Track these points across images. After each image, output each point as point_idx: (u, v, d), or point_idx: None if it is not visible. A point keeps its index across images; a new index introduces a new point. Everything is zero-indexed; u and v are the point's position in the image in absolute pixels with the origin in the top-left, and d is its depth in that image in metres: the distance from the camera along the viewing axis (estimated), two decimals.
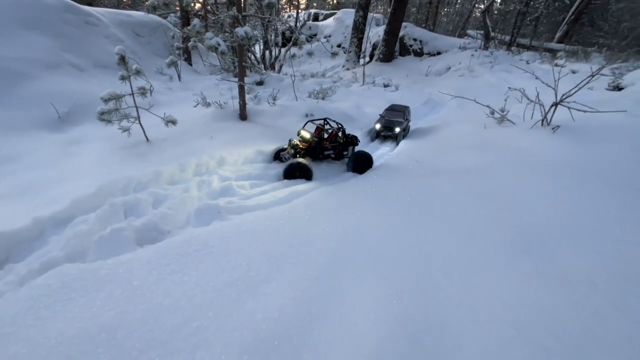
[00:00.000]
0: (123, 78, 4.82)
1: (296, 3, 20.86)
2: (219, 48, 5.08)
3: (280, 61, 13.08)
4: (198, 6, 12.21)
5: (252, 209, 3.72)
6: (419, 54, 17.05)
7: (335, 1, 33.63)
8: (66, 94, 6.32)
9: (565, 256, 2.61)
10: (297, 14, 17.17)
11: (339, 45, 21.10)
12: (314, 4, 33.55)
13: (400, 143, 6.86)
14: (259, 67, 11.84)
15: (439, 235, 3.02)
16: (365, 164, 5.17)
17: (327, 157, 5.46)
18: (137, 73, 4.91)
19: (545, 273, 2.45)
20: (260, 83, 10.29)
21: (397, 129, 6.87)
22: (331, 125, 5.60)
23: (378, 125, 7.09)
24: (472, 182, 4.02)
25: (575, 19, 17.87)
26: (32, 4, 7.59)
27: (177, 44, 10.01)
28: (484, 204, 3.48)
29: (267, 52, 12.97)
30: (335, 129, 5.55)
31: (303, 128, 5.29)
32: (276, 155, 5.36)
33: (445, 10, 31.43)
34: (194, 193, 4.04)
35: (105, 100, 4.68)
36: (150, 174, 4.17)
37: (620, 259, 2.54)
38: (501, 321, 2.07)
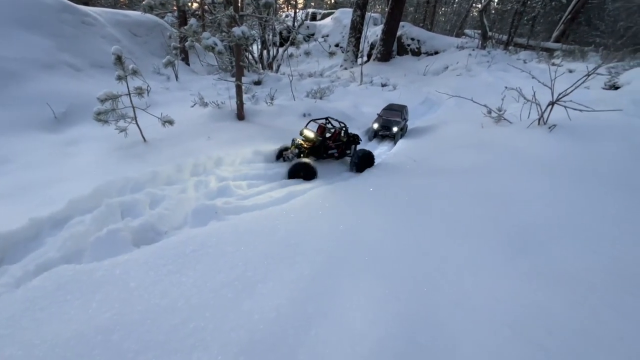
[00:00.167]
0: (119, 78, 4.81)
1: (294, 2, 20.83)
2: (216, 48, 5.07)
3: (278, 61, 13.06)
4: (195, 6, 12.18)
5: (250, 209, 3.72)
6: (417, 53, 17.07)
7: (333, 1, 33.60)
8: (62, 94, 6.29)
9: (562, 255, 2.62)
10: (295, 13, 17.15)
11: (336, 45, 21.07)
12: (312, 4, 33.53)
13: (398, 142, 6.87)
14: (257, 67, 11.83)
15: (436, 234, 3.03)
16: (369, 162, 5.24)
17: (331, 156, 5.49)
18: (134, 73, 4.90)
19: (542, 272, 2.46)
20: (258, 83, 10.27)
21: (395, 129, 6.88)
22: (333, 124, 5.64)
23: (376, 125, 7.10)
24: (470, 182, 4.03)
25: (572, 18, 17.93)
26: (28, 4, 7.55)
27: (174, 43, 10.00)
28: (481, 204, 3.49)
29: (265, 52, 12.95)
30: (338, 128, 5.57)
31: (306, 127, 5.31)
32: (279, 154, 5.36)
33: (443, 9, 31.46)
34: (191, 193, 4.02)
35: (102, 100, 4.66)
36: (147, 174, 4.16)
37: (617, 258, 2.55)
38: (498, 320, 2.07)
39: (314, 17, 26.06)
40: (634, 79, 8.12)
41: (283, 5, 23.47)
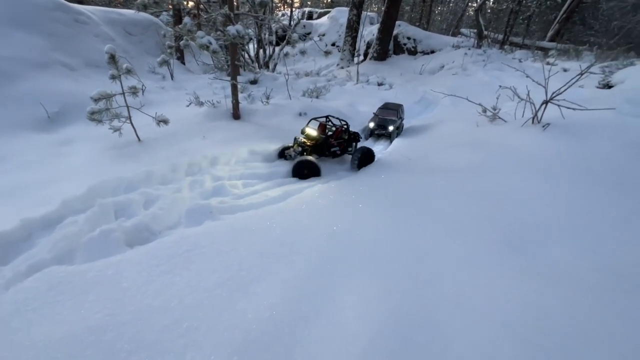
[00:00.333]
0: (113, 77, 4.77)
1: (290, 1, 20.78)
2: (211, 47, 5.04)
3: (274, 60, 13.02)
4: (191, 4, 12.10)
5: (245, 209, 3.70)
6: (413, 52, 17.09)
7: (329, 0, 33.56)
8: (56, 93, 6.23)
9: (557, 254, 2.63)
10: (291, 12, 17.11)
11: (333, 44, 21.06)
12: (308, 3, 33.46)
13: (393, 141, 6.88)
14: (253, 66, 11.78)
15: (431, 233, 3.03)
16: (370, 159, 5.31)
17: (334, 154, 5.52)
18: (128, 72, 4.86)
19: (537, 271, 2.46)
20: (254, 82, 10.23)
21: (391, 128, 6.89)
22: (334, 122, 5.64)
23: (372, 124, 7.11)
24: (465, 180, 4.04)
25: (566, 17, 18.03)
26: (21, 2, 7.47)
27: (169, 42, 9.91)
28: (476, 202, 3.49)
29: (261, 51, 12.91)
30: (340, 126, 5.60)
31: (307, 125, 5.31)
32: (281, 153, 5.36)
33: (439, 9, 31.54)
34: (185, 193, 4.00)
35: (96, 99, 4.62)
36: (142, 174, 4.13)
37: (612, 256, 2.56)
38: (492, 319, 2.08)
39: (310, 16, 26.03)
40: (627, 78, 8.17)
41: (279, 4, 23.38)
